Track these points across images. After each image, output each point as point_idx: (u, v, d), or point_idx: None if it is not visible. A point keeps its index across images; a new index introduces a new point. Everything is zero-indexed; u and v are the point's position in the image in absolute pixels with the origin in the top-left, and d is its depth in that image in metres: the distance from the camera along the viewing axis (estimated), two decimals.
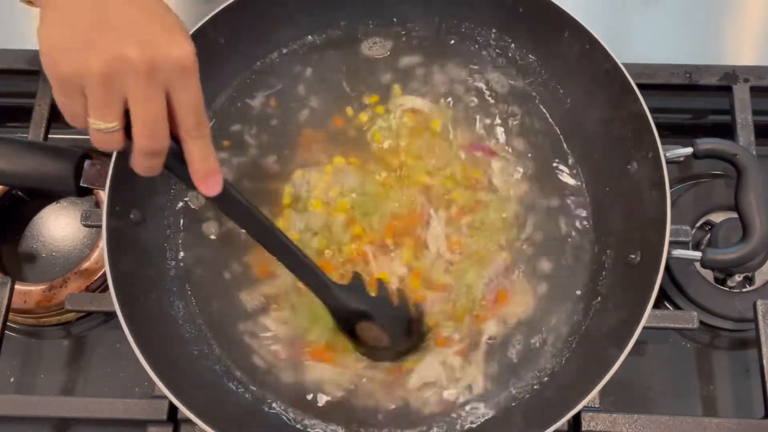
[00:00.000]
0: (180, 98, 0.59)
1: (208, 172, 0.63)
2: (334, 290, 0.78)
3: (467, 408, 0.81)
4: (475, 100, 0.95)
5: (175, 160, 0.62)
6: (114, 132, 0.58)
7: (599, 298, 0.85)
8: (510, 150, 0.92)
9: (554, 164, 0.92)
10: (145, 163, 0.62)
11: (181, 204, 0.90)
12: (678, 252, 0.81)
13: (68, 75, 0.55)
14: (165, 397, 0.80)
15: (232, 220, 0.74)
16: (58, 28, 0.56)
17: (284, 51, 0.97)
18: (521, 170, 0.91)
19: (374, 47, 0.97)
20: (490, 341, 0.84)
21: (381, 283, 0.82)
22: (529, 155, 0.92)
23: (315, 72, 0.96)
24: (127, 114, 0.58)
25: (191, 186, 0.64)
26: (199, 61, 0.60)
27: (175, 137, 0.61)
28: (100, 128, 0.58)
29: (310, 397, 0.82)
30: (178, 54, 0.57)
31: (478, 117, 0.94)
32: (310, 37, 0.98)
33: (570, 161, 0.92)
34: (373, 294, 0.81)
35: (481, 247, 0.87)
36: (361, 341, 0.81)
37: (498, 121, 0.94)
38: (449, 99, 0.95)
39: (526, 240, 0.88)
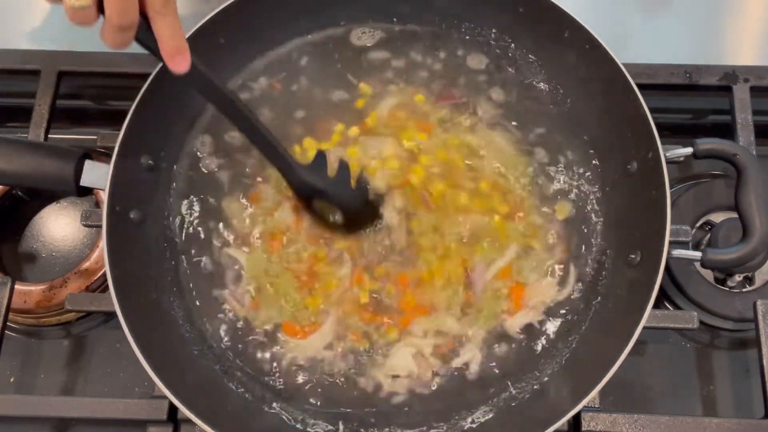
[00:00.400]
0: None
1: (175, 49, 0.67)
2: (295, 169, 0.83)
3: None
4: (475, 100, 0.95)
5: (146, 33, 0.66)
6: (87, 9, 0.61)
7: (599, 298, 0.85)
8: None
9: (554, 164, 0.92)
10: (115, 37, 0.64)
11: (181, 204, 0.90)
12: (678, 252, 0.81)
13: None
14: (165, 397, 0.80)
15: (205, 99, 0.78)
16: None
17: (284, 51, 0.97)
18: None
19: (375, 49, 0.97)
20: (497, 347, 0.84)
21: (342, 165, 0.84)
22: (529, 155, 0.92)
23: (314, 70, 0.96)
24: None
25: (161, 60, 0.68)
26: (199, 61, 0.60)
27: (145, 15, 0.65)
28: (74, 5, 0.61)
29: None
30: None
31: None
32: (309, 36, 0.98)
33: (570, 161, 0.92)
34: (331, 174, 0.84)
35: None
36: (317, 215, 0.87)
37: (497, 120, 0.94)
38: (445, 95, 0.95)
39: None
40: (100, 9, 0.63)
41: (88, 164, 0.81)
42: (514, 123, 0.93)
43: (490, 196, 0.89)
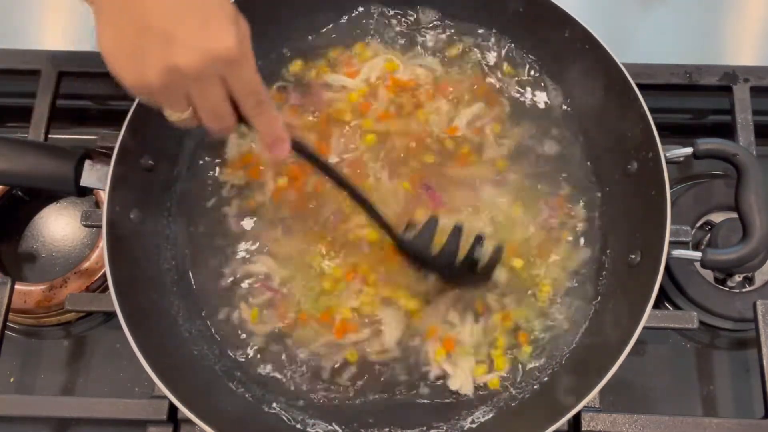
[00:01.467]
0: (234, 86, 0.64)
1: (274, 141, 0.70)
2: (398, 238, 0.81)
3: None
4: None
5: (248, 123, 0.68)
6: (187, 118, 0.66)
7: (599, 298, 0.85)
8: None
9: (554, 164, 0.92)
10: (218, 133, 0.68)
11: (181, 204, 0.90)
12: (678, 252, 0.81)
13: (133, 86, 0.62)
14: (165, 397, 0.79)
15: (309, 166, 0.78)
16: (108, 32, 0.61)
17: (284, 51, 0.97)
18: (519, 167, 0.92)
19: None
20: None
21: (455, 233, 0.79)
22: (529, 154, 0.92)
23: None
24: None
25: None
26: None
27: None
28: (174, 119, 0.66)
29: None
30: (221, 49, 0.60)
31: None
32: (309, 37, 0.98)
33: (570, 161, 0.92)
34: (438, 246, 0.80)
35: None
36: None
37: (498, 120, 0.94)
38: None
39: (526, 238, 0.88)
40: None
41: (88, 164, 0.81)
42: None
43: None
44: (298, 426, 0.81)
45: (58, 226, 1.01)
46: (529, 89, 0.95)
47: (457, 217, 0.87)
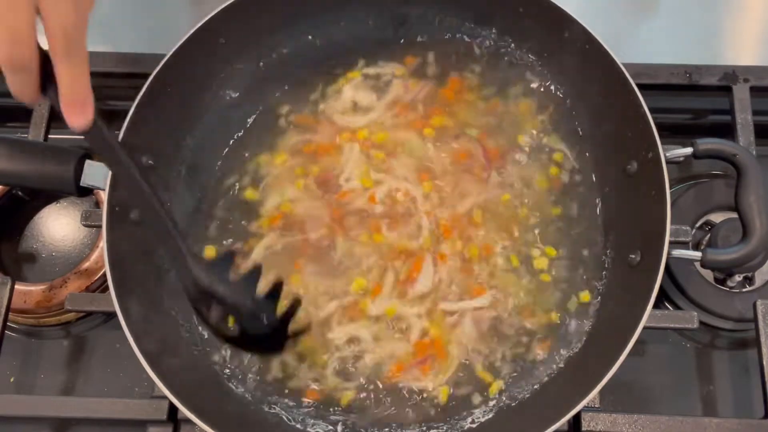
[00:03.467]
0: (48, 17, 0.57)
1: (74, 100, 0.60)
2: (188, 260, 0.71)
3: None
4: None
5: (51, 84, 0.60)
6: None
7: (599, 298, 0.85)
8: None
9: (554, 164, 0.92)
10: (15, 82, 0.59)
11: (181, 204, 0.90)
12: (678, 252, 0.81)
13: None
14: (165, 397, 0.79)
15: (101, 160, 0.71)
16: None
17: (285, 51, 0.97)
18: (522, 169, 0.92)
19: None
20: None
21: (254, 269, 0.74)
22: (529, 154, 0.92)
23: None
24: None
25: (60, 112, 0.61)
26: (200, 60, 0.58)
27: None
28: None
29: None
30: None
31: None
32: (309, 37, 0.98)
33: (570, 161, 0.92)
34: (236, 277, 0.73)
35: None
36: (209, 321, 0.74)
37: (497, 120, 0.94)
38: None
39: (526, 239, 0.88)
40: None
41: (88, 164, 0.81)
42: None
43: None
44: (298, 426, 0.81)
45: (58, 226, 1.01)
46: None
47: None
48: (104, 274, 0.84)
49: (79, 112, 0.61)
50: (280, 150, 0.93)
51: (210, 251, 0.87)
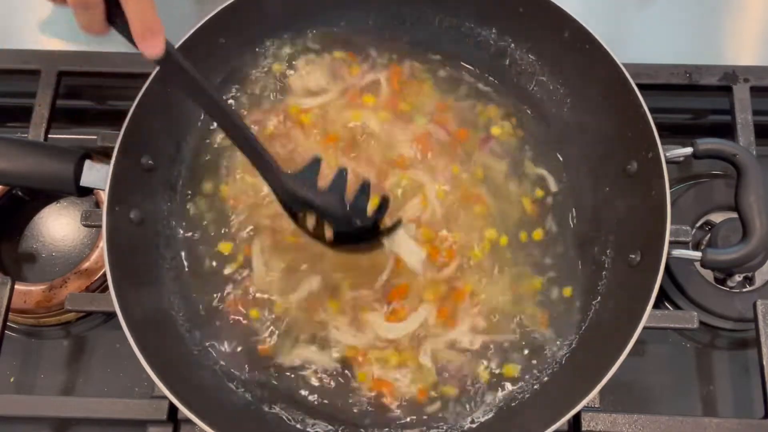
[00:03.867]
0: None
1: (145, 30, 0.63)
2: (279, 175, 0.75)
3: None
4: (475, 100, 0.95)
5: (120, 17, 0.63)
6: None
7: (599, 298, 0.85)
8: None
9: (554, 164, 0.92)
10: (81, 17, 0.61)
11: (181, 204, 0.90)
12: (678, 252, 0.81)
13: None
14: (165, 397, 0.79)
15: (181, 92, 0.72)
16: None
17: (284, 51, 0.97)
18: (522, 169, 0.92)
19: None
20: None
21: (340, 174, 0.77)
22: (528, 155, 0.93)
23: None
24: None
25: (135, 45, 0.64)
26: (199, 61, 0.58)
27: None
28: None
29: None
30: None
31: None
32: (310, 35, 0.98)
33: (570, 161, 0.92)
34: (324, 185, 0.76)
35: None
36: (304, 226, 0.79)
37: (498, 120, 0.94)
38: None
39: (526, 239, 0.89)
40: None
41: (88, 164, 0.81)
42: (513, 123, 0.94)
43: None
44: (298, 426, 0.81)
45: (58, 226, 1.01)
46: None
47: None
48: (104, 274, 0.84)
49: (150, 41, 0.63)
50: None
51: (225, 247, 0.87)
